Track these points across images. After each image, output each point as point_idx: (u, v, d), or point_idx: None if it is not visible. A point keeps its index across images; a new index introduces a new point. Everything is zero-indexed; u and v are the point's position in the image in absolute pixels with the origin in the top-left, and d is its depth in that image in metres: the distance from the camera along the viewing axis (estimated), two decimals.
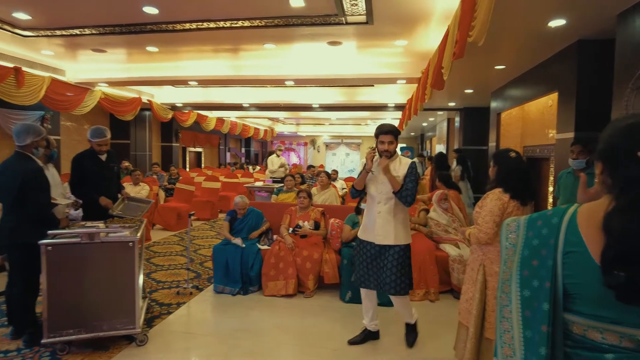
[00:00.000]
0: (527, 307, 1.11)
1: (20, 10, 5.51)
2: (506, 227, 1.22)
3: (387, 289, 3.01)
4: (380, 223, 3.03)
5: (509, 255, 1.19)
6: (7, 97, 7.40)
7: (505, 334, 1.17)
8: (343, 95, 11.40)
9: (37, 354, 3.03)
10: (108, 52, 7.53)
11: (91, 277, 3.02)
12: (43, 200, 3.16)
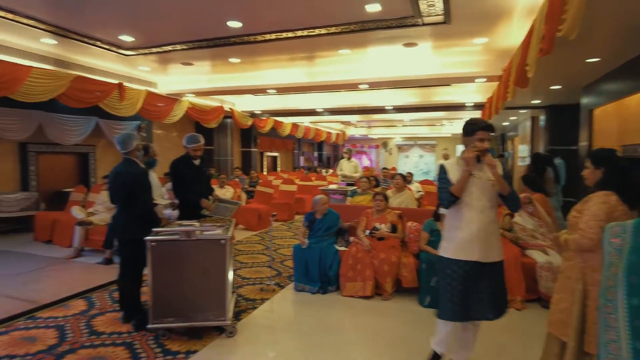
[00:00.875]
0: (637, 316, 1.05)
1: (125, 34, 6.21)
2: (609, 231, 1.18)
3: (489, 314, 2.59)
4: (484, 236, 2.56)
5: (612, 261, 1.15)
6: (111, 110, 8.34)
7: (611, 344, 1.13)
8: (417, 96, 11.20)
9: (144, 337, 3.41)
10: (195, 64, 8.17)
11: (188, 271, 3.32)
12: (148, 201, 3.55)
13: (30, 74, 6.53)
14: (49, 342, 3.33)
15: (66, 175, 9.07)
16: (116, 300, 4.22)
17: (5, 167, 7.83)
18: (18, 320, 3.78)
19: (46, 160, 8.55)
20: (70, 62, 7.54)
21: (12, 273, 5.19)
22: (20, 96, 6.57)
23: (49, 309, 4.06)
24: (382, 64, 7.87)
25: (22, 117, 7.57)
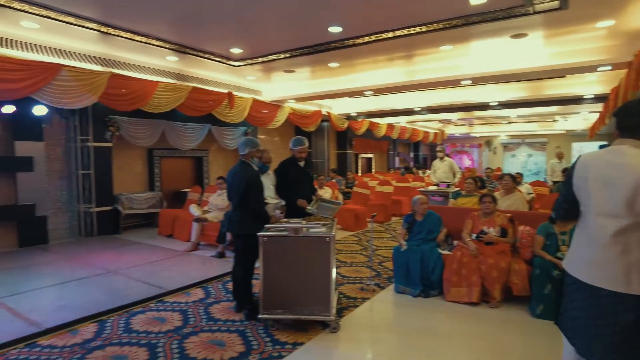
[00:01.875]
0: None
1: (235, 46, 6.75)
2: None
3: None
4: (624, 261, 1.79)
5: None
6: (222, 117, 9.12)
7: None
8: (526, 90, 10.35)
9: (254, 327, 3.66)
10: (296, 71, 8.55)
11: (295, 266, 3.50)
12: (260, 200, 3.83)
13: (157, 88, 7.45)
14: (176, 324, 3.76)
15: (184, 176, 10.13)
16: (229, 291, 4.60)
17: (136, 170, 9.02)
18: (151, 302, 4.32)
19: (168, 163, 9.65)
20: (188, 75, 8.42)
21: (143, 262, 5.95)
22: (149, 107, 7.54)
23: (174, 294, 4.58)
24: (486, 58, 7.43)
25: (149, 126, 8.64)
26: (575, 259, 2.05)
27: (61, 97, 6.33)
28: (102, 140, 7.91)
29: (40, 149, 7.20)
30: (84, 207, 7.86)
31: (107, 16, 5.39)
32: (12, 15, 5.15)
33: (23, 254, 6.52)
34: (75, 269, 5.56)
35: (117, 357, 3.14)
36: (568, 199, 2.06)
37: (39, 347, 3.32)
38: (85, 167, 7.79)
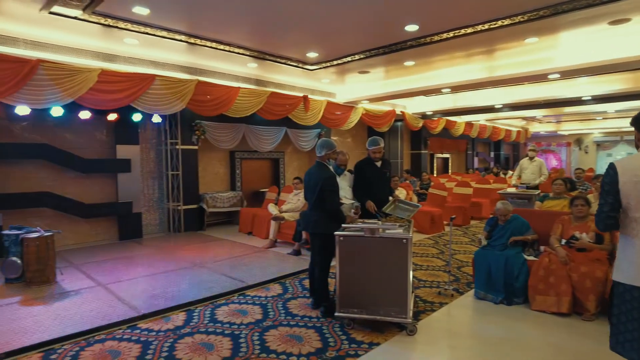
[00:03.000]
0: None
1: (311, 50, 6.93)
2: None
3: None
4: None
5: None
6: (297, 120, 9.39)
7: None
8: (626, 82, 9.33)
9: (331, 324, 3.73)
10: (371, 72, 8.54)
11: (371, 267, 3.51)
12: (336, 200, 3.91)
13: (239, 94, 7.88)
14: (256, 317, 3.95)
15: (262, 177, 10.58)
16: (306, 288, 4.74)
17: (220, 172, 9.62)
18: (233, 295, 4.59)
19: (247, 165, 10.16)
20: (266, 80, 8.80)
21: (225, 257, 6.33)
22: (231, 112, 8.00)
23: (254, 289, 4.81)
24: (578, 49, 6.83)
25: (231, 130, 9.17)
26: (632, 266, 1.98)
27: (155, 104, 6.96)
28: (189, 144, 8.56)
29: (136, 151, 7.97)
30: (172, 205, 8.56)
31: (194, 28, 5.83)
32: (117, 33, 5.78)
33: (122, 246, 7.27)
34: (166, 262, 6.07)
35: (204, 344, 3.39)
36: (616, 207, 2.04)
37: (138, 329, 3.69)
38: (174, 168, 8.48)
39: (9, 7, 4.86)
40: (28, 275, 4.91)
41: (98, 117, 7.28)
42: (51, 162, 7.02)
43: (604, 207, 2.10)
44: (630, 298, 1.98)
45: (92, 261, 6.15)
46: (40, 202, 6.84)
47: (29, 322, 3.84)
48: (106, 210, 7.64)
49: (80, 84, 6.03)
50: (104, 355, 3.19)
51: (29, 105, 6.01)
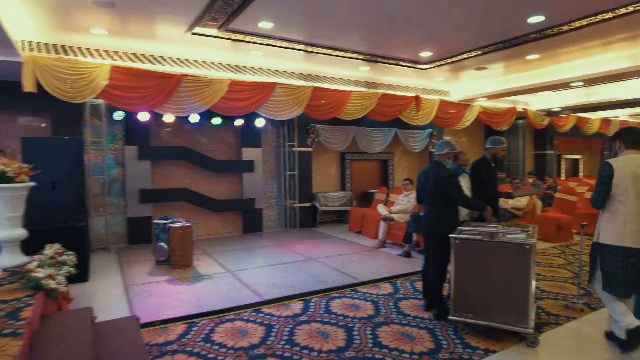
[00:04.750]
0: None
1: (425, 50, 6.84)
2: None
3: None
4: None
5: None
6: (408, 120, 9.31)
7: None
8: None
9: (444, 327, 3.69)
10: (488, 68, 8.09)
11: (489, 272, 3.38)
12: (462, 194, 3.84)
13: (351, 97, 8.13)
14: (368, 312, 4.09)
15: (371, 178, 10.72)
16: (417, 289, 4.73)
17: (331, 172, 10.02)
18: (345, 290, 4.79)
19: (357, 166, 10.39)
20: (377, 82, 8.91)
21: (337, 253, 6.59)
22: (343, 115, 8.28)
23: (365, 286, 4.96)
24: None
25: (342, 132, 9.49)
26: (616, 233, 3.15)
27: (276, 110, 7.55)
28: (304, 146, 9.09)
29: (258, 154, 8.74)
30: (289, 203, 9.17)
31: (312, 37, 6.19)
32: (245, 47, 6.42)
33: (246, 238, 8.03)
34: (283, 254, 6.55)
35: (320, 332, 3.62)
36: (607, 193, 3.18)
37: (262, 313, 4.09)
38: (290, 168, 9.09)
39: (161, 31, 5.75)
40: (172, 258, 5.76)
41: (227, 123, 8.17)
42: (189, 162, 8.09)
43: (600, 193, 3.21)
44: (615, 254, 3.15)
45: (222, 250, 6.92)
46: (180, 197, 7.93)
47: (175, 298, 4.52)
48: (233, 205, 8.52)
49: (214, 93, 6.84)
50: (234, 333, 3.62)
51: (174, 114, 7.04)
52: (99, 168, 7.36)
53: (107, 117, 7.30)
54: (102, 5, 4.70)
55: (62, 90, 5.76)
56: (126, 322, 3.29)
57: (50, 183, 5.07)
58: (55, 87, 5.71)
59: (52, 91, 5.72)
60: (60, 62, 5.74)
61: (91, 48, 6.15)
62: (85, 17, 5.12)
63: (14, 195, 3.99)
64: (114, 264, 6.10)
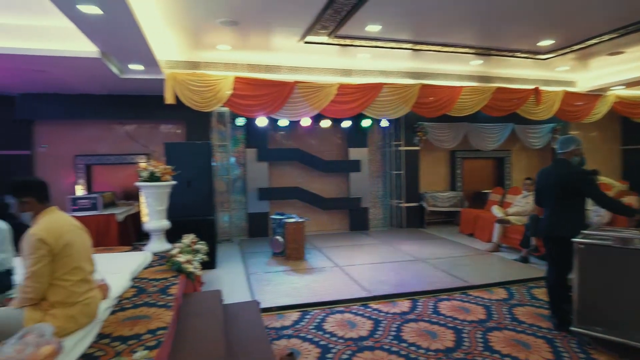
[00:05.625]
0: None
1: (544, 39, 6.30)
2: None
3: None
4: None
5: None
6: (527, 115, 8.61)
7: None
8: None
9: (565, 339, 3.40)
10: (626, 52, 7.10)
11: (622, 282, 3.04)
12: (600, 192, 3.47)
13: (462, 93, 7.82)
14: (479, 316, 3.95)
15: (485, 177, 10.14)
16: (535, 297, 4.42)
17: (440, 171, 9.74)
18: (455, 292, 4.68)
19: (469, 164, 9.92)
20: (491, 76, 8.41)
21: (445, 255, 6.42)
22: (454, 112, 8.00)
23: (476, 289, 4.77)
24: None
25: (452, 130, 9.16)
26: None
27: (383, 110, 7.63)
28: (411, 145, 9.00)
29: (364, 153, 8.91)
30: (395, 202, 9.16)
31: (420, 36, 6.13)
32: (352, 50, 6.63)
33: (352, 236, 8.26)
34: (390, 253, 6.60)
35: (428, 331, 3.63)
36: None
37: (370, 308, 4.22)
38: (397, 168, 9.07)
39: (276, 43, 6.24)
40: (287, 251, 6.21)
41: (335, 125, 8.49)
42: (301, 163, 8.60)
43: None
44: None
45: (330, 246, 7.24)
46: (293, 195, 8.48)
47: (289, 287, 4.90)
48: (340, 204, 8.83)
49: (324, 98, 7.18)
50: (344, 324, 3.81)
51: (288, 118, 7.57)
52: (224, 168, 8.24)
53: (231, 123, 8.15)
54: (227, 24, 5.30)
55: (195, 101, 6.61)
56: (249, 305, 3.70)
57: (186, 182, 5.85)
58: (189, 98, 6.58)
59: (187, 102, 6.59)
60: (193, 77, 6.60)
61: (217, 62, 6.93)
62: (213, 36, 5.81)
63: (160, 192, 4.75)
64: (237, 254, 6.80)
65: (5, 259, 3.10)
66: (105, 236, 5.95)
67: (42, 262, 2.19)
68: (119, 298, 3.00)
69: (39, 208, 2.37)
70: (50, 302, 2.25)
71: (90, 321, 2.41)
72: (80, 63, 5.41)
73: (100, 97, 7.52)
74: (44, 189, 2.42)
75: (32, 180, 2.44)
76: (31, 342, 1.87)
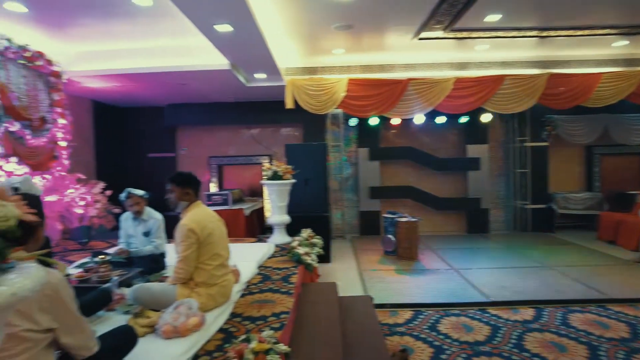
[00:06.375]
0: None
1: None
2: None
3: None
4: None
5: None
6: None
7: None
8: None
9: None
10: None
11: None
12: None
13: (601, 80, 6.89)
14: (621, 334, 3.48)
15: (630, 176, 8.74)
16: None
17: (572, 169, 8.72)
18: (589, 304, 4.18)
19: (609, 161, 8.67)
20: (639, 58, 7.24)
21: (579, 263, 5.75)
22: (590, 102, 7.08)
23: (619, 304, 4.19)
24: None
25: (588, 122, 8.10)
26: None
27: (504, 104, 7.11)
28: (538, 140, 8.22)
29: (484, 150, 8.39)
30: (519, 204, 8.45)
31: (547, 21, 5.58)
32: (469, 43, 6.32)
33: (470, 239, 7.87)
34: (512, 258, 6.15)
35: (555, 343, 3.32)
36: None
37: (488, 313, 4.02)
38: (522, 166, 8.36)
39: (389, 42, 6.26)
40: (399, 250, 6.20)
41: (450, 121, 8.17)
42: (413, 161, 8.48)
43: None
44: None
45: (445, 247, 7.01)
46: (405, 194, 8.40)
47: (401, 286, 4.91)
48: (456, 204, 8.47)
49: (438, 93, 6.97)
50: (459, 327, 3.70)
51: (400, 116, 7.53)
52: (337, 168, 8.54)
53: (344, 123, 8.41)
54: (342, 29, 5.50)
55: (311, 105, 6.98)
56: (362, 299, 3.83)
57: (303, 180, 6.22)
58: (307, 102, 6.97)
59: (304, 106, 6.99)
60: (310, 81, 6.97)
61: (332, 66, 7.21)
62: (328, 41, 6.07)
63: (282, 189, 5.17)
64: (349, 251, 7.01)
65: (160, 245, 3.71)
66: (234, 228, 6.64)
67: (191, 249, 2.59)
68: (247, 283, 3.37)
69: (193, 200, 2.80)
70: (196, 282, 2.64)
71: (226, 301, 2.77)
72: (214, 75, 6.15)
73: (230, 104, 8.43)
74: (199, 186, 2.87)
75: (195, 176, 2.88)
76: (183, 312, 2.24)
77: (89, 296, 2.25)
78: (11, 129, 5.01)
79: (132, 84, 6.68)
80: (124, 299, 2.51)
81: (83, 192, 6.03)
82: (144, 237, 3.74)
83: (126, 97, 7.79)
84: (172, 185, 2.76)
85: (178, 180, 2.78)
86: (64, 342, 1.46)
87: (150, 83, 6.67)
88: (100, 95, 7.55)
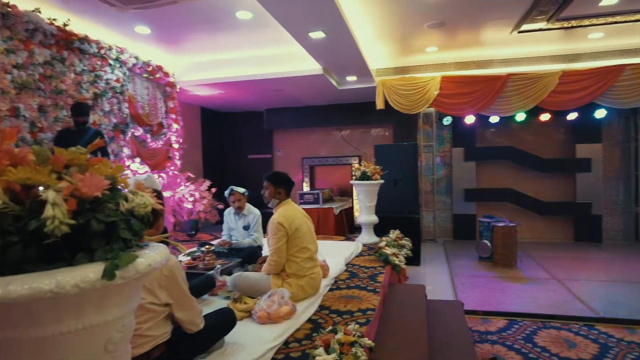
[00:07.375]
0: None
1: None
2: None
3: None
4: None
5: None
6: None
7: None
8: None
9: None
10: None
11: None
12: None
13: None
14: None
15: None
16: None
17: None
18: None
19: None
20: None
21: None
22: None
23: None
24: None
25: None
26: None
27: (624, 97, 6.33)
28: None
29: (597, 150, 7.53)
30: None
31: None
32: (580, 32, 5.74)
33: (578, 247, 7.13)
34: (629, 271, 5.45)
35: None
36: None
37: (596, 330, 3.64)
38: None
39: (486, 37, 5.96)
40: (495, 256, 5.87)
41: (556, 118, 7.46)
42: (514, 162, 7.92)
43: None
44: None
45: (547, 256, 6.46)
46: (503, 197, 7.89)
47: (495, 293, 4.66)
48: (562, 209, 7.73)
49: (542, 89, 6.45)
50: (560, 342, 3.42)
51: (499, 114, 7.10)
52: (429, 168, 8.33)
53: (437, 123, 8.17)
54: (435, 27, 5.39)
55: (402, 104, 6.92)
56: (452, 304, 3.73)
57: (393, 181, 6.21)
58: (397, 102, 6.93)
59: (395, 106, 6.96)
60: (401, 81, 6.92)
61: (424, 64, 7.08)
62: (420, 40, 5.98)
63: (371, 189, 5.23)
64: (441, 254, 6.81)
65: (258, 238, 4.03)
66: (324, 226, 6.88)
67: (281, 241, 2.80)
68: (335, 278, 3.51)
69: (283, 198, 3.03)
70: (287, 273, 2.85)
71: (315, 293, 2.93)
72: (307, 79, 6.44)
73: (322, 107, 8.73)
74: (291, 186, 3.11)
75: (288, 177, 3.13)
76: (276, 300, 2.44)
77: (196, 281, 2.57)
78: (136, 134, 5.82)
79: (234, 90, 7.28)
80: (225, 285, 2.81)
81: (192, 189, 6.75)
82: (244, 231, 4.11)
83: (229, 103, 8.50)
84: (268, 183, 3.02)
85: (273, 179, 3.02)
86: (177, 317, 1.73)
87: (250, 89, 7.20)
88: (207, 102, 8.36)
